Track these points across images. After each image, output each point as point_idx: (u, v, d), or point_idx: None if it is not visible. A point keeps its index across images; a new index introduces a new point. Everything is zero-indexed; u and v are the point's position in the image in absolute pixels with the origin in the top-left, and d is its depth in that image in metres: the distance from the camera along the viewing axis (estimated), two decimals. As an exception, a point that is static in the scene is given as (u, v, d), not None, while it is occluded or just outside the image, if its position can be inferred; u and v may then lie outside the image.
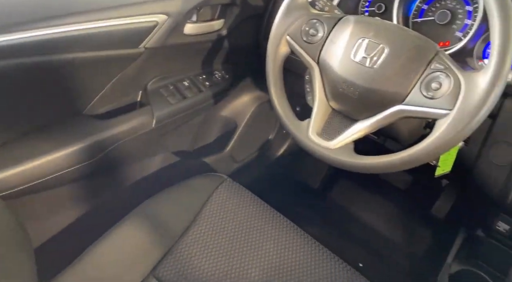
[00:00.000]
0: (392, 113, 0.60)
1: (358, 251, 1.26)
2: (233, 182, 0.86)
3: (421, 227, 1.28)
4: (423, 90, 0.58)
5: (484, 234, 0.90)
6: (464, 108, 0.54)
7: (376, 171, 0.62)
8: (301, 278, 0.70)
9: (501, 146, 0.70)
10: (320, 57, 0.67)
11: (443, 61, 0.58)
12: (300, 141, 0.68)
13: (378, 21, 0.68)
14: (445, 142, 0.55)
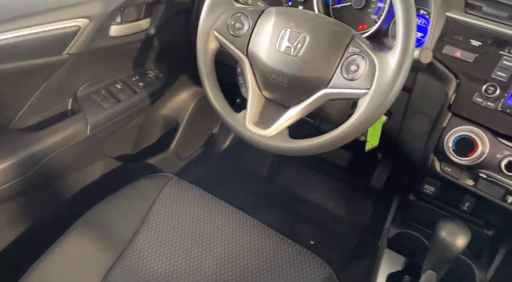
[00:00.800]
0: (319, 97, 0.65)
1: (309, 229, 1.32)
2: (179, 180, 0.86)
3: (363, 198, 1.38)
4: (343, 73, 0.63)
5: (415, 198, 1.00)
6: (380, 86, 0.59)
7: (311, 152, 0.66)
8: (254, 264, 0.74)
9: (418, 116, 0.77)
10: (248, 49, 0.70)
11: (359, 45, 0.63)
12: (238, 132, 0.71)
13: (298, 11, 0.72)
14: (367, 118, 0.61)
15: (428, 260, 0.75)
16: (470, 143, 0.69)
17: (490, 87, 0.68)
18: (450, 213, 0.94)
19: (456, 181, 0.76)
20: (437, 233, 0.70)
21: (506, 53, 0.68)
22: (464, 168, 0.73)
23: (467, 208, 0.90)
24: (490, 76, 0.68)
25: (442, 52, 0.73)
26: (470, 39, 0.71)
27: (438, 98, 0.74)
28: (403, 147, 0.81)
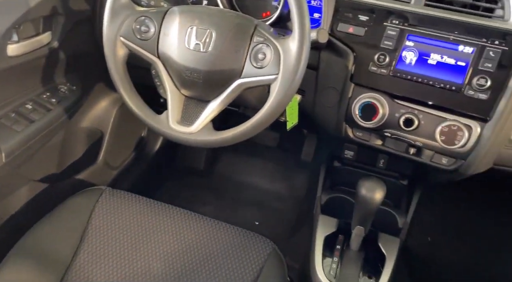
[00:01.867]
0: (235, 88, 0.68)
1: (253, 212, 1.39)
2: (113, 190, 0.86)
3: (296, 173, 1.47)
4: (253, 62, 0.67)
5: (339, 164, 1.10)
6: (286, 70, 0.65)
7: (235, 141, 0.70)
8: (201, 255, 0.76)
9: (327, 90, 0.85)
10: (159, 51, 0.71)
11: (262, 34, 0.68)
12: (163, 133, 0.72)
13: (201, 8, 0.74)
14: (280, 100, 0.66)
15: (355, 217, 0.84)
16: (372, 108, 0.78)
17: (381, 56, 0.77)
18: (369, 171, 1.04)
19: (367, 142, 0.85)
20: (358, 191, 0.79)
21: (389, 24, 0.77)
22: (371, 130, 0.82)
23: (382, 164, 1.01)
24: (380, 46, 0.77)
25: (337, 29, 0.81)
26: (358, 15, 0.79)
27: (341, 72, 0.82)
28: (319, 120, 0.89)
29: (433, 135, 0.75)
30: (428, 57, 0.75)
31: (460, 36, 0.73)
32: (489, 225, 1.28)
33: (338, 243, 0.94)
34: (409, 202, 1.06)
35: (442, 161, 0.79)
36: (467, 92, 0.72)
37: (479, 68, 0.71)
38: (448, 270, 1.20)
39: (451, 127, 0.73)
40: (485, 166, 0.77)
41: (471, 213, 1.30)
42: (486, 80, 0.70)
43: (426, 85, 0.75)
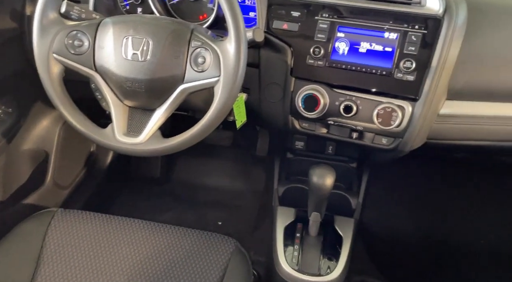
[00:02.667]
0: (179, 94, 0.69)
1: (215, 213, 1.40)
2: (66, 211, 0.83)
3: (253, 169, 1.50)
4: (193, 66, 0.68)
5: (292, 155, 1.14)
6: (227, 71, 0.66)
7: (186, 146, 0.71)
8: (164, 264, 0.76)
9: (271, 86, 0.88)
10: (96, 64, 0.70)
11: (199, 38, 0.69)
12: (110, 146, 0.71)
13: (134, 17, 0.74)
14: (225, 102, 0.67)
15: (310, 204, 0.88)
16: (314, 99, 0.82)
17: (316, 49, 0.81)
18: (320, 159, 1.09)
19: (313, 132, 0.89)
20: (310, 179, 0.83)
21: (320, 17, 0.81)
22: (316, 120, 0.86)
23: (331, 151, 1.06)
24: (314, 40, 0.81)
25: (272, 27, 0.84)
26: (291, 11, 0.83)
27: (281, 68, 0.85)
28: (266, 115, 0.92)
29: (371, 119, 0.80)
30: (359, 46, 0.80)
31: (385, 24, 0.78)
32: (435, 195, 1.39)
33: (298, 231, 0.98)
34: (359, 183, 1.12)
35: (382, 141, 0.85)
36: (396, 76, 0.78)
37: (404, 52, 0.77)
38: (401, 241, 1.29)
39: (386, 109, 0.79)
40: (420, 141, 0.84)
41: (417, 186, 1.40)
42: (411, 63, 0.76)
43: (359, 73, 0.80)
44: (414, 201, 1.37)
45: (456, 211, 1.35)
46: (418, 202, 1.37)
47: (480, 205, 1.35)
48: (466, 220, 1.34)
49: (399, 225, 1.33)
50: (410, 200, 1.38)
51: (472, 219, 1.34)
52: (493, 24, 0.78)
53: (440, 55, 0.74)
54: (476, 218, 1.34)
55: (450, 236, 1.30)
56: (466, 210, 1.35)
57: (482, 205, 1.35)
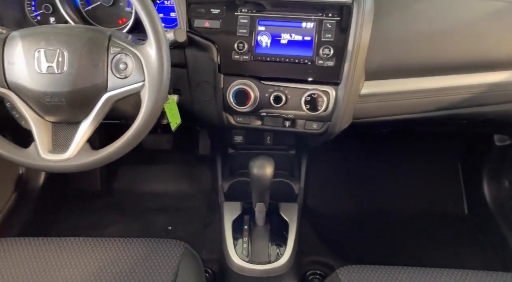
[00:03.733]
0: (104, 103, 0.67)
1: (164, 218, 1.37)
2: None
3: (198, 169, 1.49)
4: (115, 73, 0.66)
5: (233, 150, 1.15)
6: (151, 75, 0.65)
7: (119, 155, 0.69)
8: (114, 279, 0.74)
9: (202, 85, 0.88)
10: (8, 81, 0.65)
11: (118, 43, 0.67)
12: (36, 166, 0.68)
13: (45, 28, 0.70)
14: (153, 106, 0.67)
15: (254, 195, 0.90)
16: (244, 93, 0.84)
17: (239, 44, 0.82)
18: (261, 150, 1.12)
19: (249, 125, 0.91)
20: (250, 171, 0.85)
21: (240, 13, 0.82)
22: (249, 113, 0.88)
23: (270, 141, 1.09)
24: (236, 35, 0.83)
25: (194, 26, 0.84)
26: (211, 9, 0.83)
27: (208, 66, 0.85)
28: (201, 114, 0.92)
29: (300, 106, 0.84)
30: (280, 37, 0.83)
31: (301, 14, 0.81)
32: (368, 171, 1.49)
33: (245, 223, 1.00)
34: (300, 169, 1.17)
35: (313, 126, 0.89)
36: (317, 63, 0.82)
37: (322, 39, 0.81)
38: (344, 218, 1.37)
39: (312, 96, 0.82)
40: (346, 122, 0.89)
41: (353, 165, 1.49)
42: (329, 49, 0.80)
43: (284, 63, 0.83)
44: (352, 179, 1.46)
45: (389, 182, 1.46)
46: (355, 179, 1.46)
47: (409, 172, 1.48)
48: (398, 188, 1.46)
49: (341, 203, 1.41)
50: (347, 178, 1.47)
51: (403, 186, 1.46)
52: (398, 6, 0.85)
53: (354, 40, 0.79)
54: (407, 185, 1.46)
55: (386, 206, 1.41)
56: (397, 179, 1.47)
57: (411, 172, 1.47)
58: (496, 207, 1.33)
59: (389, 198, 1.43)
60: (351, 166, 1.48)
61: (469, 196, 1.44)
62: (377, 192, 1.44)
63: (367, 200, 1.42)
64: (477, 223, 1.37)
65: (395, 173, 1.48)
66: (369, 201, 1.42)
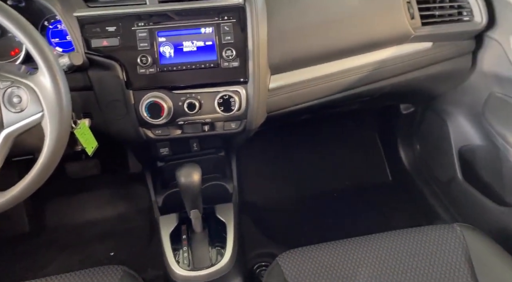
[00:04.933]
0: (3, 141, 0.63)
1: (105, 245, 1.32)
2: None
3: (132, 187, 1.45)
4: (10, 108, 0.63)
5: (162, 162, 1.14)
6: (50, 105, 0.63)
7: (30, 192, 0.66)
8: None
9: (112, 104, 0.86)
10: None
11: (6, 77, 0.64)
12: None
13: None
14: (57, 135, 0.64)
15: (186, 203, 0.91)
16: (157, 106, 0.84)
17: (142, 58, 0.82)
18: (190, 157, 1.13)
19: (169, 136, 0.91)
20: (178, 180, 0.85)
21: (137, 27, 0.82)
22: (167, 124, 0.88)
23: (197, 147, 1.10)
24: (138, 50, 0.82)
25: (92, 46, 0.82)
26: (106, 27, 0.82)
27: (115, 84, 0.84)
28: (117, 134, 0.90)
29: (215, 109, 0.86)
30: (182, 46, 0.84)
31: (198, 21, 0.83)
32: (297, 156, 1.56)
33: (183, 233, 1.00)
34: (231, 169, 1.19)
35: (231, 126, 0.91)
36: (223, 65, 0.85)
37: (223, 42, 0.84)
38: (283, 206, 1.43)
39: (224, 97, 0.85)
40: (262, 117, 0.93)
41: (282, 154, 1.56)
42: (232, 51, 0.83)
43: (191, 70, 0.85)
44: (282, 168, 1.53)
45: (317, 164, 1.55)
46: (285, 167, 1.53)
47: (333, 152, 1.58)
48: (325, 169, 1.55)
49: (276, 192, 1.47)
50: (278, 168, 1.53)
51: (330, 166, 1.56)
52: (287, 1, 0.90)
53: (253, 39, 0.83)
54: (333, 164, 1.56)
55: (317, 187, 1.49)
56: (323, 160, 1.56)
57: (335, 151, 1.58)
58: (413, 169, 1.47)
59: (319, 178, 1.51)
60: (279, 156, 1.54)
61: (390, 164, 1.57)
62: (307, 175, 1.52)
63: (299, 184, 1.49)
64: (401, 186, 1.50)
65: (321, 155, 1.57)
66: (301, 185, 1.49)
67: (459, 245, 0.81)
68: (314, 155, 1.56)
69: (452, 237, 0.83)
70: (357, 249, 0.81)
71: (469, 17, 1.01)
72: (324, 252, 0.81)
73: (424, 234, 0.84)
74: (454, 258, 0.79)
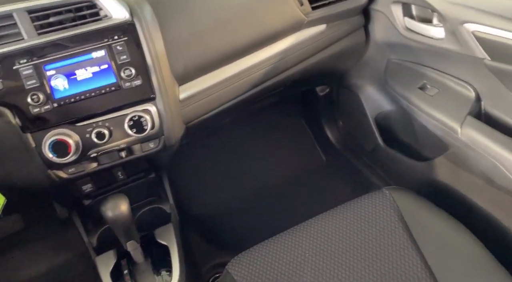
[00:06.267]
0: None
1: None
2: None
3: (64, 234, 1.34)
4: None
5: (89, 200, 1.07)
6: None
7: None
8: None
9: (10, 155, 0.77)
10: None
11: None
12: None
13: None
14: None
15: (119, 236, 0.86)
16: (62, 143, 0.77)
17: (33, 97, 0.75)
18: (119, 187, 1.06)
19: (84, 172, 0.85)
20: (105, 215, 0.80)
21: (19, 65, 0.75)
22: (79, 160, 0.82)
23: (122, 176, 1.04)
24: (26, 89, 0.75)
25: None
26: None
27: (9, 131, 0.76)
28: (25, 184, 0.82)
29: (127, 133, 0.82)
30: (75, 75, 0.78)
31: (87, 46, 0.78)
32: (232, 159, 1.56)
33: (124, 268, 0.94)
34: (164, 190, 1.15)
35: (150, 146, 0.88)
36: (125, 86, 0.81)
37: (119, 63, 0.79)
38: (228, 210, 1.42)
39: (134, 119, 0.81)
40: (180, 129, 0.91)
41: (216, 159, 1.54)
42: (130, 70, 0.80)
43: (92, 98, 0.79)
44: (219, 173, 1.52)
45: (253, 161, 1.56)
46: (222, 171, 1.52)
47: (266, 146, 1.60)
48: (262, 164, 1.56)
49: (218, 199, 1.46)
50: (215, 174, 1.52)
51: (266, 160, 1.58)
52: (177, 8, 0.88)
53: (150, 53, 0.80)
54: (269, 158, 1.58)
55: (257, 184, 1.51)
56: (259, 156, 1.58)
57: (268, 145, 1.60)
58: (341, 145, 1.54)
59: (257, 175, 1.52)
60: (213, 162, 1.53)
61: (320, 145, 1.63)
62: (245, 174, 1.52)
63: (239, 185, 1.49)
64: (335, 164, 1.57)
65: (254, 151, 1.58)
66: (241, 185, 1.49)
67: (391, 208, 0.86)
68: (248, 153, 1.57)
69: (383, 201, 0.87)
70: (301, 237, 0.82)
71: (350, -5, 1.07)
72: (271, 249, 0.81)
73: (358, 206, 0.88)
74: (389, 221, 0.84)
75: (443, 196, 1.08)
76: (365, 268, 0.77)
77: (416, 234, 0.82)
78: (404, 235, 0.81)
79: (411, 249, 0.79)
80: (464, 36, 0.84)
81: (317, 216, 0.88)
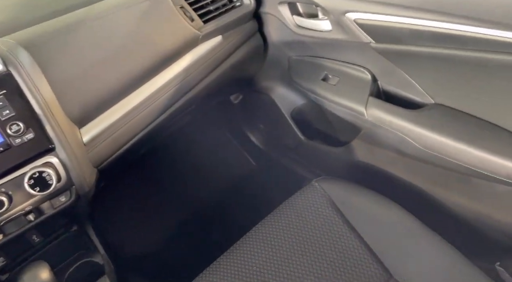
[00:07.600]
0: None
1: None
2: None
3: None
4: None
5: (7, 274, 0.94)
6: None
7: None
8: None
9: None
10: None
11: None
12: None
13: None
14: None
15: None
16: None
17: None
18: (37, 251, 0.95)
19: None
20: None
21: None
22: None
23: (38, 238, 0.93)
24: None
25: None
26: None
27: None
28: None
29: (30, 194, 0.73)
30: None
31: None
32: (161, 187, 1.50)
33: None
34: (91, 239, 1.06)
35: (62, 200, 0.79)
36: (16, 143, 0.71)
37: (3, 119, 0.70)
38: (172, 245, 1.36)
39: (33, 176, 0.72)
40: (91, 175, 0.84)
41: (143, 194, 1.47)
42: (18, 124, 0.71)
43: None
44: (149, 208, 1.45)
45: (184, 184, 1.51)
46: (151, 206, 1.45)
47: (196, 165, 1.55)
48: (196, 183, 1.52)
49: (157, 231, 1.39)
50: (145, 211, 1.44)
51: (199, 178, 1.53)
52: (58, 48, 0.81)
53: (37, 102, 0.72)
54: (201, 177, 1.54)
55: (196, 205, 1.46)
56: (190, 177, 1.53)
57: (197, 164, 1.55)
58: (267, 148, 1.56)
59: (192, 197, 1.48)
60: (140, 195, 1.45)
61: (247, 151, 1.63)
62: (180, 199, 1.47)
63: (176, 212, 1.44)
64: (266, 167, 1.58)
65: (183, 175, 1.53)
66: (176, 212, 1.44)
67: (323, 199, 0.88)
68: (175, 177, 1.52)
69: (315, 194, 0.89)
70: (244, 254, 0.81)
71: (240, 2, 1.08)
72: (219, 274, 0.78)
73: (293, 205, 0.88)
74: (325, 212, 0.86)
75: (367, 175, 1.14)
76: (312, 265, 0.78)
77: (351, 218, 0.84)
78: (340, 222, 0.84)
79: (349, 234, 0.82)
80: (348, 25, 0.90)
81: (255, 227, 0.87)
